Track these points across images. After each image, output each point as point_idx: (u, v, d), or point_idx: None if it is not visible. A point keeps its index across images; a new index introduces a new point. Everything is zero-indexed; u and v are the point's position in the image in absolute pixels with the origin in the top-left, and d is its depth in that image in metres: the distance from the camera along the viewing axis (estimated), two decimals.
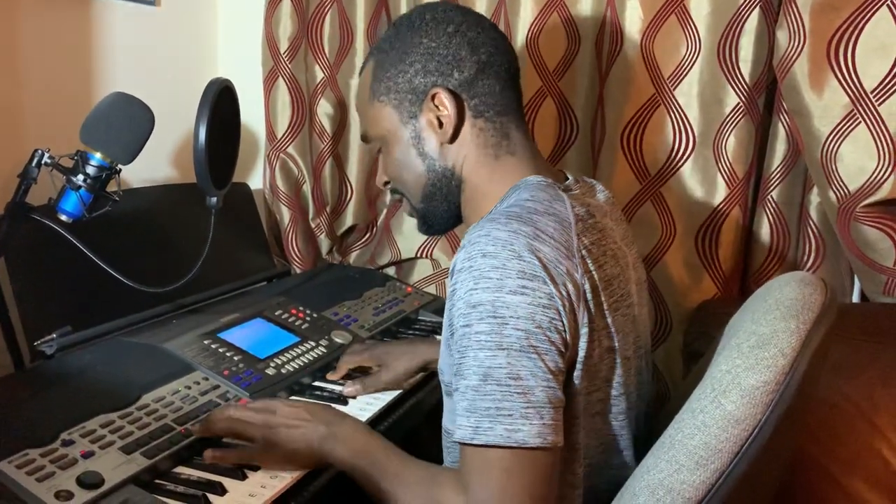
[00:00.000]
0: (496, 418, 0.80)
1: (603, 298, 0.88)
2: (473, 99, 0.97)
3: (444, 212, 1.03)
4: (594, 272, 0.87)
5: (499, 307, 0.81)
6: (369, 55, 1.05)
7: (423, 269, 1.82)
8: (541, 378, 0.81)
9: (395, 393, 1.26)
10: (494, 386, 0.80)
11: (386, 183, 1.09)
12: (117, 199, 1.16)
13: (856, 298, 1.54)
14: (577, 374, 0.86)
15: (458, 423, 0.83)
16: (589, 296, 0.85)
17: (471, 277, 0.82)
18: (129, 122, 1.13)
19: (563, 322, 0.82)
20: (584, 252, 0.87)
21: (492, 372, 0.80)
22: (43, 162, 1.10)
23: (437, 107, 0.97)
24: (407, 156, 1.01)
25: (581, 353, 0.86)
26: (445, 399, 1.02)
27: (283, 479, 0.97)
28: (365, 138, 1.08)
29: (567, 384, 0.86)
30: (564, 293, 0.82)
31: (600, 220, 0.95)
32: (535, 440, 0.79)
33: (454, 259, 0.87)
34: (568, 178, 1.01)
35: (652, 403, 1.08)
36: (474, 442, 0.81)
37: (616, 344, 0.91)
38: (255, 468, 0.99)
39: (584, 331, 0.85)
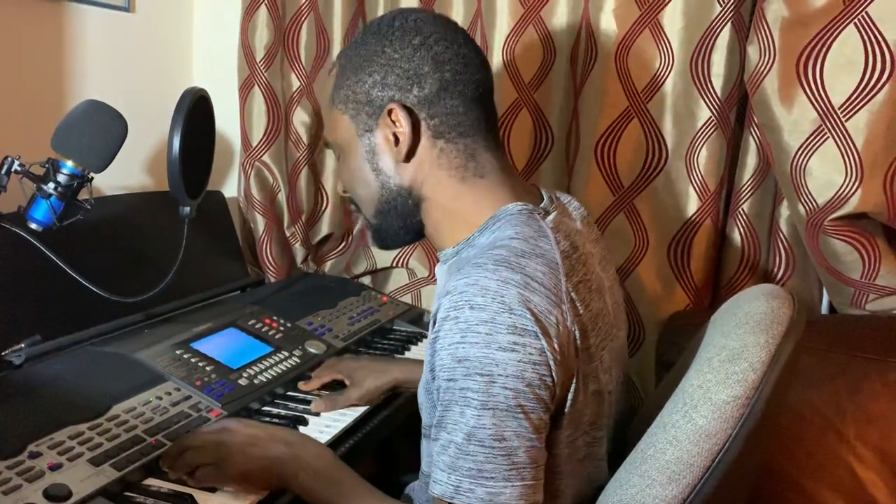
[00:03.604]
0: (477, 480, 0.77)
1: (591, 341, 0.86)
2: (433, 119, 0.91)
3: (398, 228, 0.98)
4: (583, 314, 0.84)
5: (487, 364, 0.77)
6: (338, 57, 0.99)
7: (398, 279, 1.81)
8: (525, 438, 0.78)
9: (362, 409, 1.23)
10: (477, 446, 0.78)
11: (345, 191, 1.03)
12: (89, 207, 1.15)
13: (824, 310, 1.56)
14: (563, 422, 0.84)
15: (437, 477, 0.80)
16: (578, 342, 0.83)
17: (457, 329, 0.78)
18: (101, 130, 1.12)
19: (552, 377, 0.79)
20: (572, 294, 0.83)
21: (476, 432, 0.78)
22: (13, 169, 1.09)
23: (393, 122, 0.91)
24: (361, 170, 0.96)
25: (568, 403, 0.83)
26: (424, 442, 0.98)
27: (255, 492, 0.96)
28: (326, 142, 1.05)
29: (551, 433, 0.84)
30: (556, 346, 0.79)
31: (582, 250, 0.91)
32: (516, 502, 0.77)
33: (437, 304, 0.83)
34: (543, 198, 0.97)
35: (625, 415, 1.09)
36: (455, 501, 0.79)
37: (600, 385, 0.88)
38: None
39: (573, 380, 0.83)
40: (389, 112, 0.91)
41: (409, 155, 0.93)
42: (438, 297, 0.86)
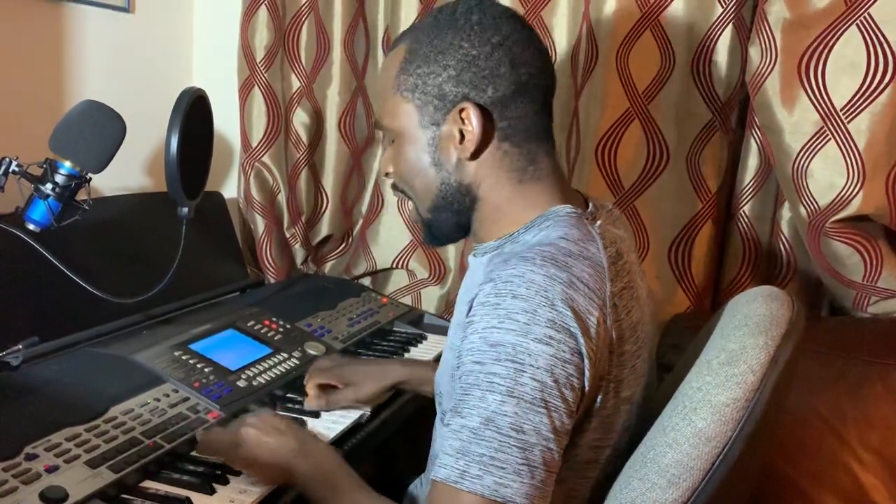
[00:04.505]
0: (487, 468, 0.76)
1: (627, 347, 0.85)
2: (503, 121, 0.89)
3: (452, 225, 0.96)
4: (623, 320, 0.84)
5: (520, 352, 0.76)
6: (402, 38, 0.95)
7: (398, 280, 1.81)
8: (543, 437, 0.77)
9: (362, 411, 1.23)
10: (494, 433, 0.76)
11: (388, 174, 0.99)
12: (87, 207, 1.14)
13: (825, 313, 1.56)
14: (590, 426, 0.84)
15: (444, 461, 0.78)
16: (614, 347, 0.82)
17: (495, 315, 0.78)
18: (99, 131, 1.12)
19: (581, 379, 0.78)
20: (615, 300, 0.83)
21: (495, 418, 0.76)
22: (11, 170, 1.08)
23: (462, 120, 0.89)
24: (420, 161, 0.93)
25: (597, 407, 0.83)
26: (436, 432, 0.99)
27: (251, 494, 0.96)
28: (378, 125, 1.01)
29: (576, 436, 0.83)
30: (594, 346, 0.79)
31: (627, 258, 0.90)
32: (522, 500, 0.75)
33: (476, 291, 0.82)
34: (589, 205, 0.95)
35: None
36: (458, 486, 0.77)
37: (631, 392, 0.88)
38: (225, 481, 0.98)
39: (603, 384, 0.82)
40: (462, 110, 0.89)
41: (475, 154, 0.91)
42: (471, 285, 0.85)
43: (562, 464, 0.81)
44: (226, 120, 1.75)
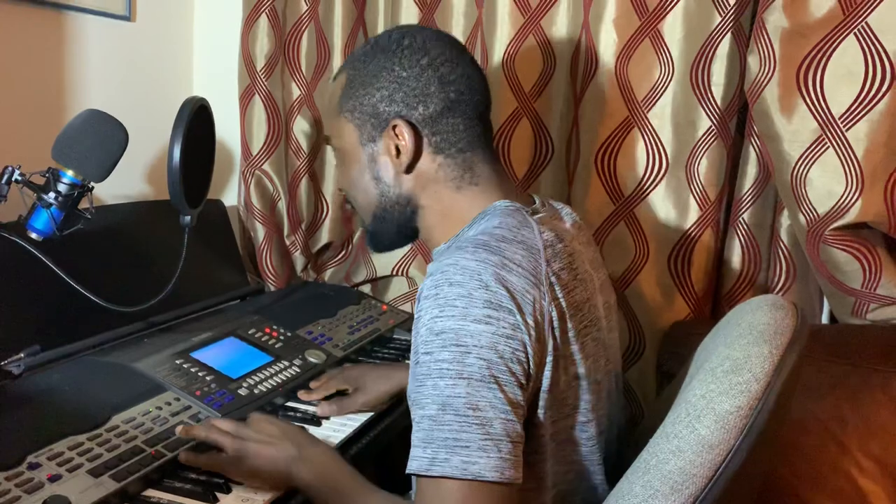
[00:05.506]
0: (453, 449, 0.79)
1: (570, 325, 0.88)
2: (435, 136, 0.97)
3: (392, 234, 1.04)
4: (562, 299, 0.88)
5: (462, 335, 0.81)
6: (344, 65, 1.04)
7: (398, 287, 1.81)
8: (499, 410, 0.80)
9: (369, 414, 1.25)
10: (452, 416, 0.80)
11: (341, 189, 1.10)
12: (89, 216, 1.15)
13: (825, 320, 1.56)
14: (542, 403, 0.87)
15: (413, 453, 0.82)
16: (556, 324, 0.86)
17: (436, 305, 0.82)
18: (102, 140, 1.12)
19: (525, 353, 0.82)
20: (552, 279, 0.87)
21: (450, 401, 0.80)
22: (13, 179, 1.09)
23: (396, 136, 0.97)
24: (361, 177, 1.01)
25: (546, 383, 0.86)
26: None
27: (254, 502, 0.96)
28: (327, 140, 1.08)
29: (532, 415, 0.86)
30: (531, 322, 0.83)
31: (569, 244, 0.95)
32: (491, 474, 0.79)
33: (420, 286, 0.87)
34: (535, 203, 1.01)
35: (624, 424, 1.09)
36: (430, 473, 0.80)
37: (583, 370, 0.91)
38: (227, 489, 0.98)
39: (549, 359, 0.85)
40: (394, 127, 0.96)
41: (410, 168, 0.98)
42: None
43: (525, 445, 0.84)
44: (226, 128, 1.75)
